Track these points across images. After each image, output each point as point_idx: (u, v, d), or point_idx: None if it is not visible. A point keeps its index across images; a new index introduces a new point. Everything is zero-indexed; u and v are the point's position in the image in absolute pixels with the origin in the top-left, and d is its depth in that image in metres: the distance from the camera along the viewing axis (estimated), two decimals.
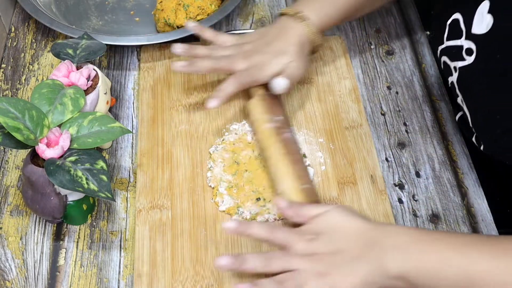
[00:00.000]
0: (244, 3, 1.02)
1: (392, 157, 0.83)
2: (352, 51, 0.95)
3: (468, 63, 0.70)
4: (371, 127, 0.86)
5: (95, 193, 0.66)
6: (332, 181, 0.78)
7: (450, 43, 0.73)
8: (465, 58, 0.70)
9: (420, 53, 0.96)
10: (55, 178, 0.65)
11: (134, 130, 0.85)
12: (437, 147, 0.84)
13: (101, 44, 0.80)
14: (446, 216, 0.78)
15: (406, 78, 0.92)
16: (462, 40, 0.70)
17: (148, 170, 0.79)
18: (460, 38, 0.71)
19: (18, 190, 0.78)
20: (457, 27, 0.71)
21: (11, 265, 0.72)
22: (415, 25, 1.00)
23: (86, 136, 0.70)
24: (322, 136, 0.83)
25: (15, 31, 0.97)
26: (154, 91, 0.87)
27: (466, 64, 0.70)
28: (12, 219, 0.76)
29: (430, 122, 0.87)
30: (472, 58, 0.69)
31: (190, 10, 0.92)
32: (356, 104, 0.87)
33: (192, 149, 0.81)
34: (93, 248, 0.74)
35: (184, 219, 0.74)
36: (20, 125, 0.66)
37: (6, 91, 0.88)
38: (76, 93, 0.72)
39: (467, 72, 0.70)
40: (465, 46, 0.70)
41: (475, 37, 0.68)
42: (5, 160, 0.81)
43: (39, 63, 0.92)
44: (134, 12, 1.00)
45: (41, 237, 0.74)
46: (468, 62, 0.70)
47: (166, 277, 0.70)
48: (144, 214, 0.75)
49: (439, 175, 0.81)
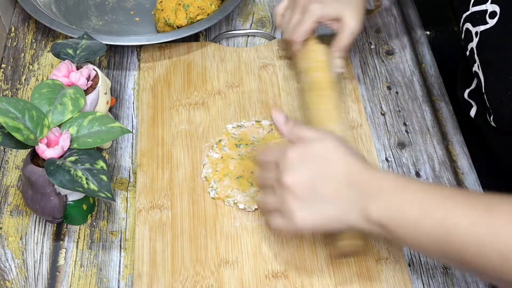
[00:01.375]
0: (244, 3, 1.02)
1: (392, 157, 0.83)
2: (352, 51, 0.95)
3: (489, 26, 0.71)
4: (371, 127, 0.86)
5: (95, 193, 0.66)
6: None
7: (475, 9, 0.74)
8: (488, 22, 0.72)
9: (420, 53, 0.96)
10: (55, 178, 0.65)
11: (134, 130, 0.85)
12: (437, 147, 0.84)
13: (101, 44, 0.80)
14: None
15: (406, 78, 0.92)
16: (487, 4, 0.72)
17: (148, 170, 0.79)
18: (486, 3, 0.73)
19: (18, 190, 0.78)
20: None
21: (11, 265, 0.72)
22: (415, 25, 1.00)
23: (86, 136, 0.70)
24: None
25: (15, 31, 0.97)
26: (154, 91, 0.87)
27: (487, 27, 0.72)
28: (12, 219, 0.76)
29: (430, 122, 0.87)
30: (495, 21, 0.71)
31: (190, 10, 0.92)
32: (356, 104, 0.87)
33: (192, 149, 0.81)
34: (93, 248, 0.74)
35: (184, 219, 0.74)
36: (20, 125, 0.66)
37: (6, 91, 0.88)
38: (76, 93, 0.72)
39: (488, 35, 0.72)
40: (490, 10, 0.72)
41: (500, 0, 0.70)
42: (5, 160, 0.81)
43: (39, 63, 0.92)
44: (134, 12, 1.00)
45: (41, 237, 0.74)
46: (490, 25, 0.71)
47: (166, 277, 0.70)
48: (144, 214, 0.75)
49: (439, 175, 0.81)
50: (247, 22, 1.00)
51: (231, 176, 0.77)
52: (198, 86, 0.88)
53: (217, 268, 0.70)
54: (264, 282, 0.70)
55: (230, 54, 0.92)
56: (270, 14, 1.01)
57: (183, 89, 0.88)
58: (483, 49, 0.74)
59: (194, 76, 0.89)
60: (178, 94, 0.87)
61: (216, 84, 0.88)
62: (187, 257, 0.71)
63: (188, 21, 0.92)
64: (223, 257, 0.71)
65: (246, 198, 0.75)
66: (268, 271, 0.70)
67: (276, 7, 0.87)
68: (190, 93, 0.87)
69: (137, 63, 0.93)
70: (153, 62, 0.91)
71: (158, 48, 0.92)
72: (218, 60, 0.91)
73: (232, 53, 0.93)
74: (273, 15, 0.88)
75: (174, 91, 0.87)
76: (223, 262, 0.71)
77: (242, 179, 0.77)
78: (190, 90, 0.87)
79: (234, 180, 0.77)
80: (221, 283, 0.69)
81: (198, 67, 0.90)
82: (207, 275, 0.70)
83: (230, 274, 0.70)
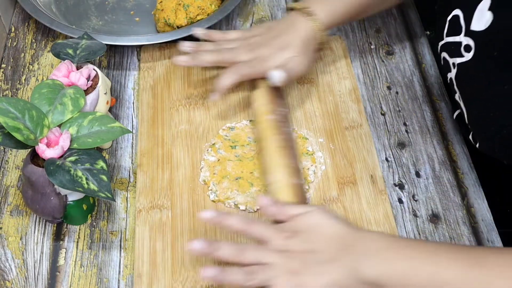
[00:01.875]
0: (244, 3, 1.02)
1: (392, 157, 0.83)
2: (352, 51, 0.95)
3: (466, 60, 0.70)
4: (371, 127, 0.86)
5: (95, 193, 0.66)
6: (332, 181, 0.78)
7: (449, 39, 0.73)
8: (464, 55, 0.70)
9: (420, 53, 0.96)
10: (55, 178, 0.65)
11: (134, 130, 0.85)
12: (437, 147, 0.84)
13: (101, 44, 0.80)
14: (446, 216, 0.78)
15: (406, 78, 0.92)
16: (461, 36, 0.70)
17: (148, 170, 0.79)
18: (459, 35, 0.71)
19: (18, 190, 0.78)
20: (457, 23, 0.71)
21: (11, 265, 0.72)
22: (415, 25, 1.00)
23: (86, 136, 0.70)
24: (322, 136, 0.83)
25: (15, 31, 0.97)
26: (154, 91, 0.87)
27: (464, 61, 0.70)
28: (12, 219, 0.76)
29: (430, 122, 0.87)
30: (470, 55, 0.69)
31: (190, 10, 0.92)
32: (356, 104, 0.87)
33: (192, 149, 0.81)
34: (93, 248, 0.74)
35: (184, 219, 0.74)
36: (20, 125, 0.66)
37: (6, 91, 0.88)
38: (76, 93, 0.72)
39: (465, 69, 0.71)
40: (464, 43, 0.70)
41: (474, 33, 0.68)
42: (5, 160, 0.81)
43: (39, 63, 0.92)
44: (134, 12, 1.00)
45: (41, 237, 0.74)
46: (466, 58, 0.70)
47: (166, 277, 0.70)
48: (144, 214, 0.75)
49: (439, 175, 0.81)
50: (247, 22, 1.00)
51: (230, 177, 0.77)
52: (198, 86, 0.88)
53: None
54: None
55: None
56: (270, 14, 1.01)
57: (183, 89, 0.88)
58: (462, 82, 0.72)
59: (194, 76, 0.89)
60: (178, 94, 0.87)
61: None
62: (187, 257, 0.71)
63: (188, 21, 0.92)
64: None
65: (247, 199, 0.75)
66: None
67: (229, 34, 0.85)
68: (190, 93, 0.87)
69: (137, 63, 0.93)
70: (153, 62, 0.91)
71: (158, 48, 0.92)
72: None
73: None
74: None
75: (174, 91, 0.87)
76: (223, 262, 0.71)
77: (241, 180, 0.77)
78: (190, 90, 0.87)
79: (233, 181, 0.77)
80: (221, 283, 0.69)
81: (198, 67, 0.90)
82: None
83: None
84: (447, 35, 0.74)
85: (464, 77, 0.72)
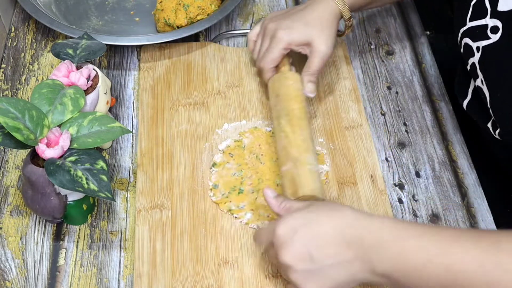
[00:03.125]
0: (244, 3, 1.02)
1: (392, 157, 0.83)
2: (352, 51, 0.95)
3: (492, 41, 0.70)
4: (371, 127, 0.86)
5: (95, 193, 0.66)
6: (332, 181, 0.78)
7: (473, 23, 0.73)
8: (490, 37, 0.70)
9: (420, 53, 0.96)
10: (55, 178, 0.65)
11: (134, 130, 0.85)
12: (437, 147, 0.84)
13: (101, 44, 0.80)
14: (446, 216, 0.78)
15: (406, 78, 0.92)
16: (487, 19, 0.71)
17: (148, 170, 0.79)
18: (485, 17, 0.71)
19: (18, 190, 0.78)
20: (482, 6, 0.71)
21: (11, 265, 0.72)
22: (415, 25, 1.00)
23: (86, 136, 0.70)
24: (322, 136, 0.83)
25: (15, 31, 0.97)
26: (154, 91, 0.87)
27: (490, 43, 0.70)
28: (12, 219, 0.76)
29: (430, 122, 0.87)
30: (498, 36, 0.69)
31: (190, 10, 0.92)
32: (356, 104, 0.87)
33: (192, 149, 0.81)
34: (93, 248, 0.74)
35: (184, 219, 0.74)
36: (20, 125, 0.66)
37: (6, 91, 0.88)
38: (76, 93, 0.72)
39: (492, 50, 0.71)
40: (490, 25, 0.70)
41: (501, 14, 0.69)
42: (5, 160, 0.81)
43: (39, 63, 0.92)
44: (134, 12, 1.00)
45: (41, 237, 0.74)
46: (493, 40, 0.70)
47: (166, 277, 0.70)
48: (144, 214, 0.75)
49: (439, 175, 0.81)
50: (247, 22, 1.00)
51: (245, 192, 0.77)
52: (198, 86, 0.88)
53: (217, 268, 0.70)
54: (264, 282, 0.70)
55: (230, 54, 0.92)
56: None
57: (183, 89, 0.88)
58: (487, 64, 0.72)
59: (194, 76, 0.89)
60: (178, 94, 0.87)
61: (216, 84, 0.88)
62: (187, 257, 0.71)
63: (188, 21, 0.92)
64: (223, 257, 0.71)
65: (258, 219, 0.75)
66: (268, 271, 0.70)
67: (249, 33, 0.87)
68: (190, 93, 0.87)
69: (137, 63, 0.93)
70: (153, 62, 0.91)
71: (158, 48, 0.92)
72: (218, 60, 0.91)
73: (232, 53, 0.93)
74: (247, 41, 0.88)
75: (174, 91, 0.87)
76: (223, 262, 0.71)
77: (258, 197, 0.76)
78: (190, 90, 0.87)
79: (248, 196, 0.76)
80: (221, 283, 0.69)
81: (198, 67, 0.90)
82: (207, 275, 0.70)
83: (230, 274, 0.70)
84: (471, 19, 0.74)
85: (490, 59, 0.72)
